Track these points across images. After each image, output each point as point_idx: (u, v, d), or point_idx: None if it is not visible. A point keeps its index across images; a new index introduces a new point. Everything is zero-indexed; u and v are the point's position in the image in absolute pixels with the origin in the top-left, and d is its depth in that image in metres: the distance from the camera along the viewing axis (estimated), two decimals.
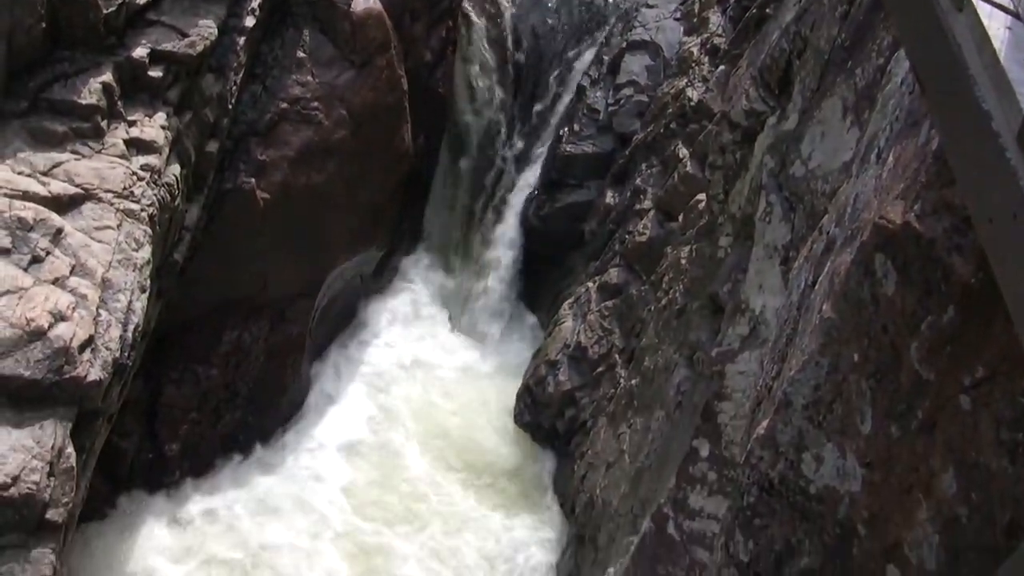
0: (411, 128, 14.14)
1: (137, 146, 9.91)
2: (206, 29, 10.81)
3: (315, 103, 12.60)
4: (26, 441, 7.82)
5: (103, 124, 9.82)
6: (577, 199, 15.22)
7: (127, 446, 11.47)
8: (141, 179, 9.68)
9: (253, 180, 12.05)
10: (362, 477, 12.81)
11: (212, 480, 12.22)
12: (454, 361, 14.91)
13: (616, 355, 12.76)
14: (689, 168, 12.47)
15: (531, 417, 13.70)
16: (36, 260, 8.63)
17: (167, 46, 10.42)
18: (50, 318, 8.25)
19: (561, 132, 15.51)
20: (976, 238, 3.45)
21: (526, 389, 13.83)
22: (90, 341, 8.44)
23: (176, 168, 10.34)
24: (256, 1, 11.77)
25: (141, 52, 10.23)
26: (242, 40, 11.49)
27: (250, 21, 11.61)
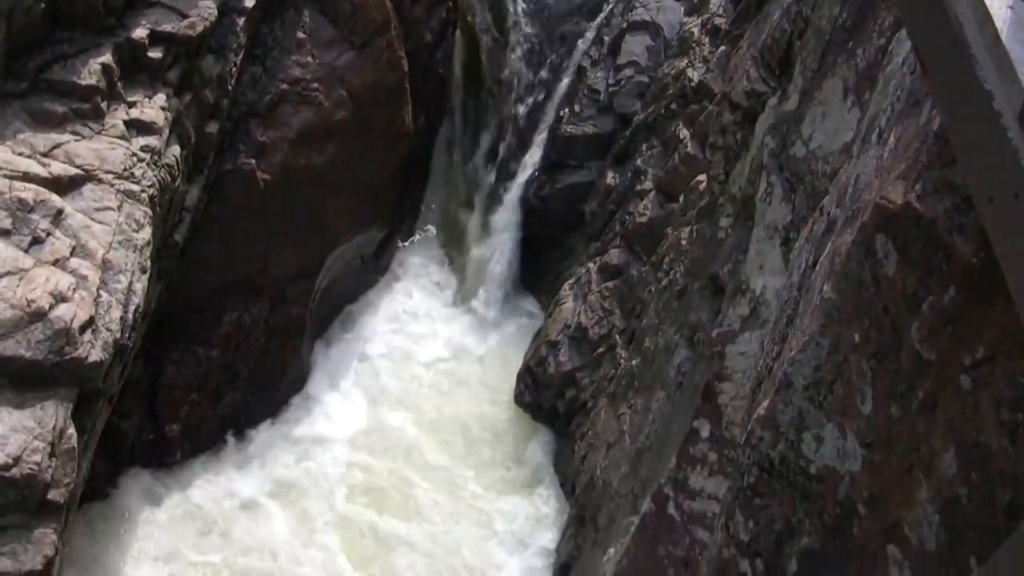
0: (411, 109, 14.11)
1: (137, 127, 9.89)
2: (206, 10, 10.78)
3: (315, 84, 12.57)
4: (27, 422, 7.83)
5: (103, 105, 9.80)
6: (577, 180, 15.19)
7: (128, 427, 11.48)
8: (141, 160, 9.67)
9: (253, 161, 12.04)
10: (361, 458, 12.80)
11: (213, 460, 12.24)
12: (454, 342, 14.90)
13: (616, 336, 12.75)
14: (690, 149, 12.44)
15: (531, 398, 13.71)
16: (37, 241, 8.62)
17: (167, 27, 10.39)
18: (51, 299, 8.25)
19: (561, 113, 15.48)
20: (977, 218, 3.44)
21: (526, 370, 13.84)
22: (91, 322, 8.44)
23: (176, 149, 10.33)
24: None
25: (141, 33, 10.20)
26: (242, 21, 11.45)
27: (250, 2, 11.57)
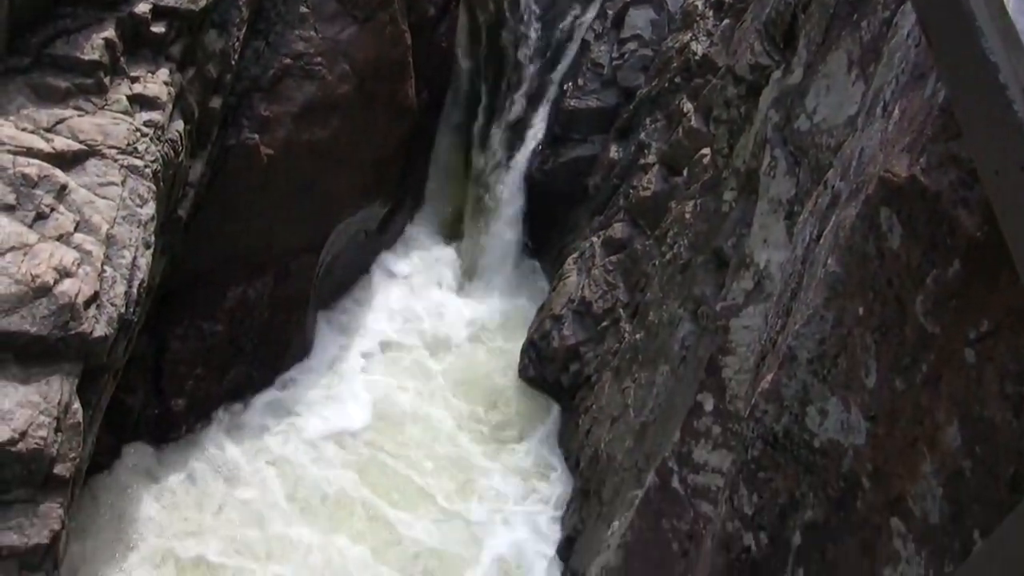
0: (415, 83, 14.08)
1: (140, 102, 9.87)
2: None
3: (318, 58, 12.54)
4: (33, 397, 7.85)
5: (106, 80, 9.77)
6: (581, 154, 15.19)
7: (133, 402, 11.52)
8: (145, 135, 9.65)
9: (256, 136, 12.03)
10: (365, 434, 12.86)
11: (217, 434, 12.29)
12: (457, 316, 14.94)
13: (620, 310, 12.77)
14: (693, 122, 12.43)
15: (535, 372, 13.74)
16: (41, 216, 8.62)
17: (169, 1, 10.33)
18: (55, 274, 8.25)
19: (565, 87, 15.45)
20: (982, 191, 3.43)
21: (530, 344, 13.87)
22: (95, 297, 8.45)
23: (179, 124, 10.31)
24: None
25: (143, 7, 10.15)
26: None
27: None
